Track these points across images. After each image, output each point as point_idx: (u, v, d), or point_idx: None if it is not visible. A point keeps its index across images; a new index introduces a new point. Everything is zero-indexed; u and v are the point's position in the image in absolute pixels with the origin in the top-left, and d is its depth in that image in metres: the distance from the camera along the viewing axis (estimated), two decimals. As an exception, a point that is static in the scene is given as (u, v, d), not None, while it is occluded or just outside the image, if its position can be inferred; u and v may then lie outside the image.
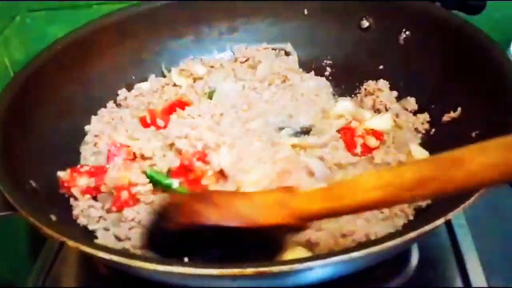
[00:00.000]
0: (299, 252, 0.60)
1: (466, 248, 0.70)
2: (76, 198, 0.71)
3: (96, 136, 0.80)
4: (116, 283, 0.70)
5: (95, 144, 0.80)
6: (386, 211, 0.65)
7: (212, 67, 0.94)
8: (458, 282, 0.66)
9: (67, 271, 0.73)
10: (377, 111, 0.83)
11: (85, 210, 0.69)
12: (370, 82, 0.86)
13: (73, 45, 0.85)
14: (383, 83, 0.85)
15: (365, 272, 0.61)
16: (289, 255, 0.59)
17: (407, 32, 0.84)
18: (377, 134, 0.77)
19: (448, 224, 0.72)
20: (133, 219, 0.66)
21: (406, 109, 0.82)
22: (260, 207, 0.54)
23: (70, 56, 0.84)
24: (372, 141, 0.75)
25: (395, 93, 0.84)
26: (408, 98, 0.82)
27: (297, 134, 0.82)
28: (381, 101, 0.82)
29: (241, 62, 0.94)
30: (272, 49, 0.95)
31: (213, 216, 0.54)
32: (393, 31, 0.85)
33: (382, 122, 0.79)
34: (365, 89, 0.86)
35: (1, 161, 0.61)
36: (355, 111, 0.83)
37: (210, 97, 0.88)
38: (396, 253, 0.62)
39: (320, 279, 0.55)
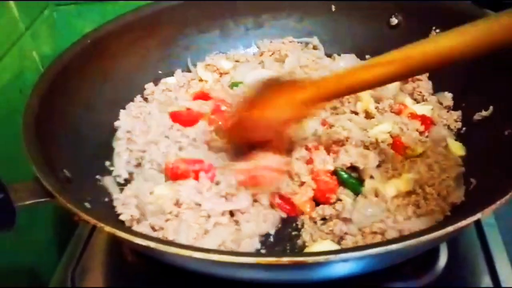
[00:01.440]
0: (328, 245, 0.60)
1: (495, 247, 0.69)
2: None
3: (128, 132, 0.82)
4: (145, 272, 0.71)
5: (128, 139, 0.81)
6: (422, 207, 0.64)
7: (237, 61, 0.95)
8: (487, 281, 0.66)
9: (96, 262, 0.74)
10: (415, 100, 0.82)
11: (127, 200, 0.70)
12: None
13: (102, 40, 0.86)
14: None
15: (393, 270, 0.62)
16: (318, 247, 0.59)
17: (438, 30, 0.83)
18: (425, 119, 0.76)
19: (477, 223, 0.72)
20: (170, 212, 0.66)
21: (441, 104, 0.81)
22: (284, 109, 0.66)
23: (98, 51, 0.85)
24: (418, 125, 0.76)
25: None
26: (446, 93, 0.81)
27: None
28: (420, 91, 0.81)
29: (269, 56, 0.94)
30: (298, 42, 0.95)
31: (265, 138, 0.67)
32: (423, 29, 0.84)
33: (424, 111, 0.79)
34: None
35: (38, 151, 0.63)
36: (397, 94, 0.82)
37: (232, 87, 0.88)
38: (427, 249, 0.61)
39: (351, 273, 0.55)
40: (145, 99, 0.90)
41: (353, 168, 0.71)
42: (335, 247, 0.62)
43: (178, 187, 0.68)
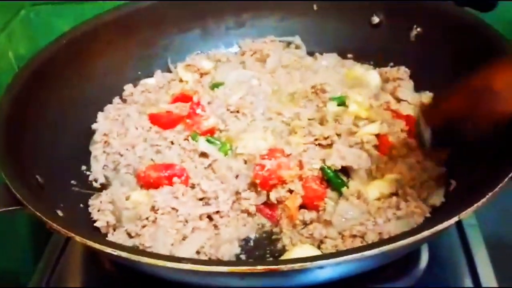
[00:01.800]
0: (307, 248, 0.59)
1: (476, 248, 0.69)
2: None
3: (105, 134, 0.80)
4: (122, 280, 0.70)
5: (105, 143, 0.79)
6: (402, 208, 0.64)
7: (218, 61, 0.93)
8: (468, 282, 0.66)
9: (72, 268, 0.73)
10: (397, 99, 0.81)
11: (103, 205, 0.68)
12: (390, 68, 0.85)
13: (79, 40, 0.84)
14: (403, 71, 0.83)
15: (374, 272, 0.61)
16: (297, 251, 0.58)
17: (419, 29, 0.83)
18: (409, 119, 0.75)
19: (459, 223, 0.71)
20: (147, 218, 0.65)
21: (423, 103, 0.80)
22: None
23: (75, 51, 0.83)
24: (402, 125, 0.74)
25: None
26: (427, 92, 0.80)
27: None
28: (402, 90, 0.80)
29: (250, 56, 0.93)
30: (280, 41, 0.94)
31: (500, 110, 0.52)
32: (404, 27, 0.84)
33: (408, 110, 0.78)
34: (385, 73, 0.84)
35: (7, 156, 0.61)
36: (378, 93, 0.81)
37: (213, 88, 0.87)
38: (408, 252, 0.61)
39: (330, 278, 0.55)
40: (124, 101, 0.88)
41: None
42: (315, 251, 0.61)
43: (154, 192, 0.66)
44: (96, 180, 0.76)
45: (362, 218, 0.62)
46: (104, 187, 0.75)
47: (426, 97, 0.81)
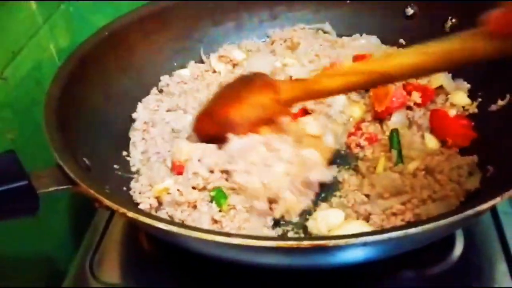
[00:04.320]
0: (357, 224, 0.61)
1: (511, 236, 0.69)
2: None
3: (145, 123, 0.83)
4: (161, 260, 0.72)
5: (144, 131, 0.82)
6: (438, 191, 0.65)
7: (249, 51, 0.95)
8: (503, 269, 0.66)
9: (113, 248, 0.76)
10: None
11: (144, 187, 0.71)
12: None
13: (118, 32, 0.87)
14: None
15: (409, 257, 0.62)
16: (347, 227, 0.60)
17: (453, 20, 0.83)
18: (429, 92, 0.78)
19: (494, 211, 0.71)
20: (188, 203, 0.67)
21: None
22: (262, 108, 0.70)
23: (115, 42, 0.86)
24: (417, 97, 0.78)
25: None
26: (464, 82, 0.81)
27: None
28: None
29: (280, 44, 0.94)
30: (310, 29, 0.95)
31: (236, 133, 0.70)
32: (439, 18, 0.84)
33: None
34: None
35: (59, 139, 0.64)
36: None
37: None
38: (444, 236, 0.62)
39: (368, 258, 0.56)
40: (160, 91, 0.91)
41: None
42: (365, 226, 0.62)
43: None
44: (134, 165, 0.79)
45: (400, 198, 0.64)
46: (141, 172, 0.77)
47: (463, 86, 0.81)
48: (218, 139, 0.71)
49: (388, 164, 0.71)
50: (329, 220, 0.62)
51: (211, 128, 0.73)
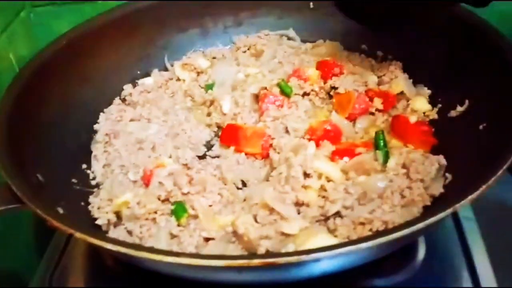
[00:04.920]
0: (323, 237, 0.59)
1: (473, 241, 0.70)
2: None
3: (107, 134, 0.81)
4: (123, 277, 0.70)
5: (106, 143, 0.80)
6: (406, 196, 0.65)
7: (214, 58, 0.94)
8: (465, 275, 0.66)
9: (75, 265, 0.74)
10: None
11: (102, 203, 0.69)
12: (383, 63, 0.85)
13: (78, 40, 0.85)
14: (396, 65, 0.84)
15: (370, 267, 0.61)
16: (311, 240, 0.59)
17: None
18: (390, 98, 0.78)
19: (455, 216, 0.72)
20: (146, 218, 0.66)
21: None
22: None
23: (75, 51, 0.84)
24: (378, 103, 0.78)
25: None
26: (425, 88, 0.81)
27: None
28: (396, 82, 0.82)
29: (243, 52, 0.94)
30: (274, 35, 0.95)
31: None
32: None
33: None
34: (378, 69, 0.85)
35: (7, 156, 0.62)
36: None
37: (207, 89, 0.88)
38: (405, 244, 0.61)
39: (327, 271, 0.55)
40: (123, 100, 0.89)
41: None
42: (330, 239, 0.61)
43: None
44: (95, 179, 0.76)
45: (368, 206, 0.63)
46: (102, 185, 0.75)
47: (424, 92, 0.81)
48: None
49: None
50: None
51: None
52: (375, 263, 0.60)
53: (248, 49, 0.94)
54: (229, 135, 0.78)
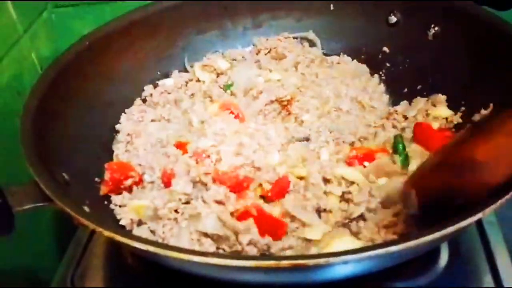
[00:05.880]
0: (346, 239, 0.60)
1: (496, 245, 0.69)
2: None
3: (128, 135, 0.81)
4: (145, 275, 0.71)
5: (127, 142, 0.81)
6: None
7: (234, 60, 0.94)
8: (489, 280, 0.66)
9: (95, 265, 0.74)
10: None
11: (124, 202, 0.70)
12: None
13: (101, 41, 0.86)
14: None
15: (394, 270, 0.61)
16: (335, 243, 0.59)
17: (436, 28, 0.83)
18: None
19: (478, 221, 0.71)
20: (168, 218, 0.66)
21: (434, 106, 0.81)
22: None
23: (97, 52, 0.85)
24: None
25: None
26: (439, 95, 0.81)
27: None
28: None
29: (264, 54, 0.94)
30: (294, 38, 0.95)
31: (485, 182, 0.48)
32: (422, 26, 0.84)
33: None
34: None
35: (36, 154, 0.62)
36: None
37: (225, 89, 0.88)
38: (428, 249, 0.61)
39: (351, 274, 0.55)
40: (144, 101, 0.90)
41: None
42: (354, 242, 0.61)
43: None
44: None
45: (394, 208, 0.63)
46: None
47: (440, 99, 0.80)
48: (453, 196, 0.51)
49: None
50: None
51: (443, 181, 0.52)
52: (397, 266, 0.60)
53: (269, 51, 0.94)
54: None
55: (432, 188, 0.53)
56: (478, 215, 0.49)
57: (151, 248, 0.48)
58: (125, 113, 0.86)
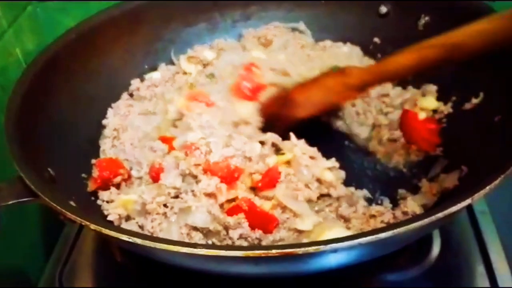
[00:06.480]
0: (337, 230, 0.59)
1: (488, 235, 0.69)
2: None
3: (115, 130, 0.80)
4: (133, 271, 0.70)
5: (114, 138, 0.79)
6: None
7: (221, 49, 0.92)
8: (481, 269, 0.66)
9: (84, 260, 0.73)
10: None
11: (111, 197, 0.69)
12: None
13: (86, 34, 0.84)
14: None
15: (387, 261, 0.61)
16: (326, 234, 0.58)
17: (426, 18, 0.83)
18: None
19: (470, 211, 0.71)
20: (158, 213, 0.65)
21: (424, 96, 0.80)
22: (329, 92, 0.70)
23: (83, 46, 0.84)
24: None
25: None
26: (431, 85, 0.81)
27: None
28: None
29: (251, 39, 0.92)
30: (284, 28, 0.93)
31: (297, 114, 0.72)
32: (412, 16, 0.83)
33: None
34: None
35: (20, 149, 0.61)
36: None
37: (210, 78, 0.87)
38: (420, 236, 0.61)
39: (343, 263, 0.55)
40: (131, 95, 0.88)
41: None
42: (344, 231, 0.61)
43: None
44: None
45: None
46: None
47: (431, 89, 0.80)
48: (279, 121, 0.73)
49: None
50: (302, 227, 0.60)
51: (274, 107, 0.76)
52: (389, 257, 0.60)
53: (258, 39, 0.92)
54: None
55: (267, 110, 0.77)
56: (467, 201, 0.48)
57: (139, 241, 0.47)
58: (111, 107, 0.85)
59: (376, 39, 0.89)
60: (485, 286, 0.64)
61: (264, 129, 0.75)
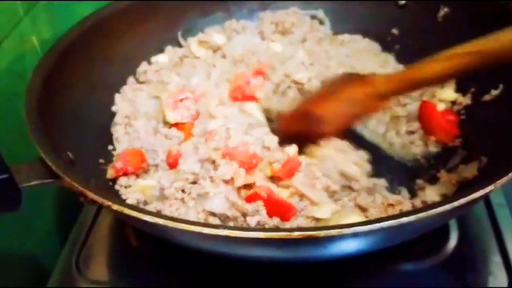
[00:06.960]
0: (355, 218, 0.59)
1: (505, 227, 0.69)
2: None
3: (127, 117, 0.80)
4: (149, 255, 0.70)
5: (126, 125, 0.79)
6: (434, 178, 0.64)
7: (234, 30, 0.91)
8: (498, 260, 0.66)
9: (100, 245, 0.74)
10: None
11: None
12: None
13: (102, 22, 0.84)
14: None
15: (404, 250, 0.61)
16: (343, 221, 0.58)
17: (446, 9, 0.82)
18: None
19: (487, 202, 0.71)
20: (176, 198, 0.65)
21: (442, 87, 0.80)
22: (353, 103, 0.66)
23: (99, 33, 0.84)
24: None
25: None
26: None
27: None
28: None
29: (268, 24, 0.91)
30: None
31: (324, 130, 0.67)
32: (431, 8, 0.83)
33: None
34: None
35: (41, 132, 0.61)
36: None
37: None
38: (439, 225, 0.61)
39: (362, 249, 0.55)
40: (137, 79, 0.87)
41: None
42: (362, 218, 0.61)
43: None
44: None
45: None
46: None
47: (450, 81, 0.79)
48: (303, 138, 0.68)
49: None
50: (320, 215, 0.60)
51: (295, 124, 0.71)
52: (406, 247, 0.60)
53: (276, 25, 0.90)
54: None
55: (288, 128, 0.72)
56: (490, 187, 0.48)
57: (161, 221, 0.47)
58: (119, 92, 0.84)
59: (394, 30, 0.89)
60: (501, 277, 0.64)
61: (283, 142, 0.69)
